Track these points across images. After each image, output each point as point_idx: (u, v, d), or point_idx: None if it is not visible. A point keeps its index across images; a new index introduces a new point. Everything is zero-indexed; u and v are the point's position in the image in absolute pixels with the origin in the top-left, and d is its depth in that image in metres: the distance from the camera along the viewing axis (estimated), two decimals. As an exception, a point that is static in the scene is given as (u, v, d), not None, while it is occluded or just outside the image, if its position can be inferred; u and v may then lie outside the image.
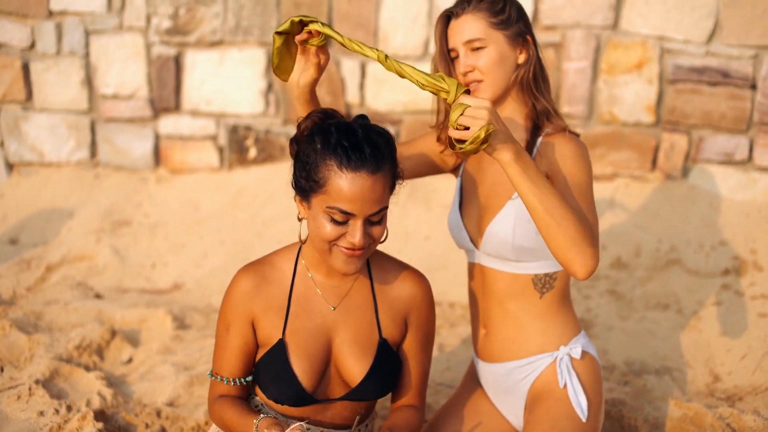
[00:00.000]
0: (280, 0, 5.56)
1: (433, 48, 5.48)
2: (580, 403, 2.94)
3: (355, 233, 2.49)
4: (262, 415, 2.65)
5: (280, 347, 2.66)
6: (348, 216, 2.48)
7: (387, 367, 2.73)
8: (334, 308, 2.72)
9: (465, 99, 2.46)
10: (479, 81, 2.92)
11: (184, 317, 4.50)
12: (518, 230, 2.91)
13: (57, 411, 3.46)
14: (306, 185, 2.52)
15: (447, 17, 2.97)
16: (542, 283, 2.99)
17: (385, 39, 5.53)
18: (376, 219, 2.53)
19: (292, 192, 2.64)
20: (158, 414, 3.58)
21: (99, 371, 3.90)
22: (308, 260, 2.72)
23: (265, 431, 2.53)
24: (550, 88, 3.04)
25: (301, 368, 2.65)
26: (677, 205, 5.16)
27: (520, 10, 2.96)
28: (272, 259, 2.77)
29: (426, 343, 2.86)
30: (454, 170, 3.24)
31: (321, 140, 2.49)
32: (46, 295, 4.74)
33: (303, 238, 2.70)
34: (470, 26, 2.90)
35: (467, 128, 2.47)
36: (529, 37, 2.95)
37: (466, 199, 3.13)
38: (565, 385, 2.98)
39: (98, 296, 4.80)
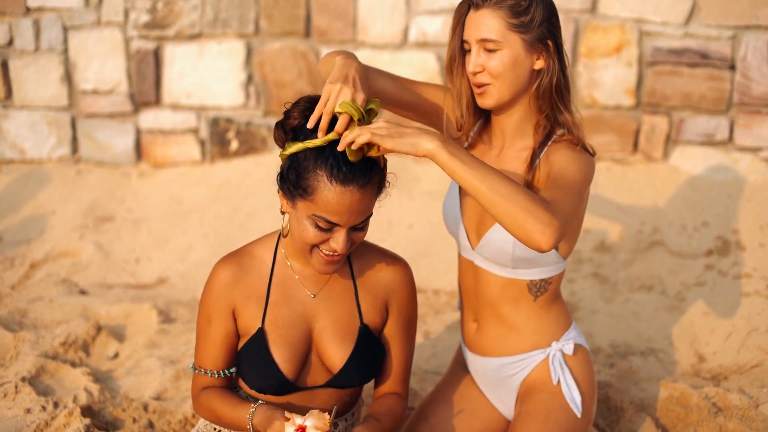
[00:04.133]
0: (258, -9, 5.56)
1: (411, 37, 5.48)
2: (574, 398, 2.93)
3: (338, 240, 2.50)
4: (259, 402, 2.65)
5: (260, 336, 2.66)
6: (333, 225, 2.48)
7: (368, 352, 2.73)
8: (314, 295, 2.72)
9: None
10: (487, 84, 2.76)
11: (169, 311, 4.49)
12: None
13: (44, 408, 3.45)
14: (293, 189, 2.50)
15: (468, 5, 2.78)
16: (537, 287, 2.96)
17: (363, 29, 5.52)
18: (360, 226, 2.54)
19: (274, 183, 2.62)
20: (145, 408, 3.57)
21: (85, 367, 3.89)
22: (288, 249, 2.72)
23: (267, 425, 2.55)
24: (570, 98, 2.86)
25: (282, 356, 2.65)
26: (659, 187, 5.18)
27: (548, 11, 2.75)
28: (251, 248, 2.77)
29: (408, 329, 2.86)
30: None
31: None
32: (30, 293, 4.73)
33: (284, 232, 2.68)
34: (487, 24, 2.71)
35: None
36: (551, 43, 2.75)
37: (464, 193, 3.04)
38: (558, 381, 2.98)
39: (83, 292, 4.79)
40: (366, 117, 2.50)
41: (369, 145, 2.45)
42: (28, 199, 5.61)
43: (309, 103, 2.57)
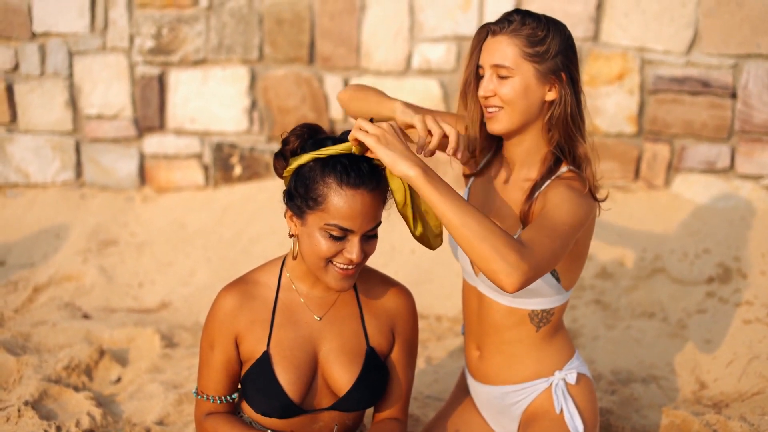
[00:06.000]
0: (263, 18, 5.59)
1: (415, 63, 5.51)
2: (576, 427, 2.92)
3: (352, 250, 2.51)
4: (268, 431, 2.66)
5: (265, 359, 2.67)
6: (346, 232, 2.50)
7: (374, 376, 2.74)
8: (320, 318, 2.73)
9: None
10: (498, 107, 2.78)
11: (172, 335, 4.50)
12: None
13: (46, 432, 3.46)
14: (302, 203, 2.52)
15: (486, 31, 2.80)
16: (539, 318, 2.95)
17: (367, 55, 5.55)
18: (372, 233, 2.56)
19: (277, 208, 2.64)
20: (148, 433, 3.59)
21: (88, 391, 3.89)
22: (292, 273, 2.74)
23: None
24: (585, 132, 2.84)
25: (287, 379, 2.66)
26: (661, 214, 5.19)
27: (565, 43, 2.77)
28: (255, 275, 2.79)
29: (411, 356, 2.87)
30: (466, 176, 3.12)
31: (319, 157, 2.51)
32: (33, 316, 4.73)
33: (294, 254, 2.68)
34: (502, 50, 2.74)
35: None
36: (564, 75, 2.76)
37: None
38: (561, 410, 2.98)
39: (86, 316, 4.79)
40: None
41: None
42: (32, 223, 5.63)
43: (304, 127, 2.63)
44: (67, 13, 5.65)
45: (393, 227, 5.30)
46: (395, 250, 5.22)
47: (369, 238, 2.56)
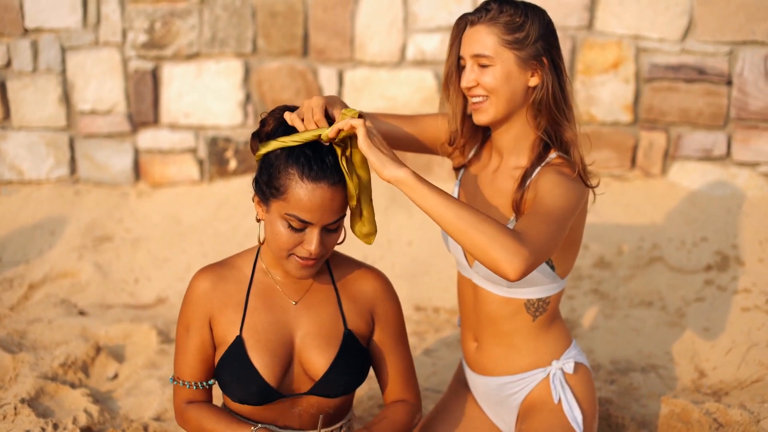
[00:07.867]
0: (256, 10, 5.56)
1: (409, 55, 5.49)
2: (575, 417, 2.92)
3: (311, 241, 2.51)
4: (259, 425, 2.64)
5: (239, 344, 2.66)
6: (305, 224, 2.50)
7: (353, 359, 2.72)
8: (296, 303, 2.73)
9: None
10: (484, 97, 2.78)
11: (168, 331, 4.48)
12: None
13: (43, 429, 3.44)
14: (266, 190, 2.53)
15: (465, 22, 2.81)
16: (535, 307, 2.95)
17: (361, 47, 5.53)
18: (333, 227, 2.56)
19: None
20: (145, 429, 3.57)
21: (85, 388, 3.88)
22: (267, 260, 2.74)
23: None
24: (573, 116, 2.83)
25: (262, 362, 2.64)
26: (658, 203, 5.18)
27: (544, 27, 2.76)
28: (231, 260, 2.80)
29: (400, 336, 2.85)
30: (455, 169, 3.13)
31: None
32: (29, 314, 4.72)
33: (261, 239, 2.69)
34: (481, 39, 2.74)
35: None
36: (545, 59, 2.75)
37: None
38: (559, 400, 2.97)
39: (82, 313, 4.78)
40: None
41: (345, 145, 2.51)
42: (27, 220, 5.61)
43: (283, 110, 2.62)
44: (60, 8, 5.62)
45: (389, 220, 5.29)
46: (392, 243, 5.21)
47: (330, 231, 2.56)
